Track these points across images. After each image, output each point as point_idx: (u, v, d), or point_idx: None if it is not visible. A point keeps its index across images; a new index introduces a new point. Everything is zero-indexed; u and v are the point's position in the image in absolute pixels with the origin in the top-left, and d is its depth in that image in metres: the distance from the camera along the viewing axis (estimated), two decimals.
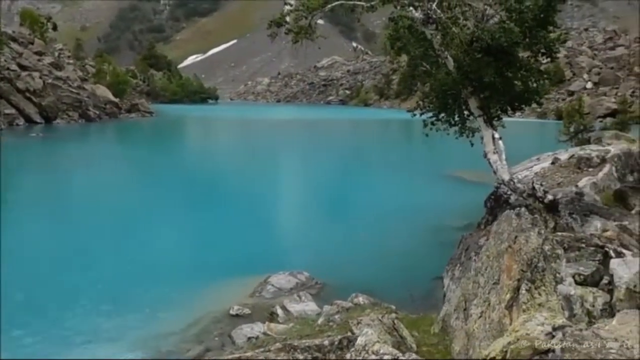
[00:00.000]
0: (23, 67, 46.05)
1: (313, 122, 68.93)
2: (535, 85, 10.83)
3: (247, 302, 9.32)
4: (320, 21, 12.34)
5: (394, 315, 6.19)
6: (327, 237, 14.07)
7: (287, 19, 11.41)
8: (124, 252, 12.43)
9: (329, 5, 10.39)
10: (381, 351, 3.22)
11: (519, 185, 10.31)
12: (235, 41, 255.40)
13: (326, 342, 4.31)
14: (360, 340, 3.55)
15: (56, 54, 57.25)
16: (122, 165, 27.64)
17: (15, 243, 12.28)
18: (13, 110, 42.72)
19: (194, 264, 11.78)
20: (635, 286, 3.74)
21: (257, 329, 7.77)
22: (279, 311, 8.62)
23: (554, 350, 3.20)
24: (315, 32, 11.09)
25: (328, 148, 39.41)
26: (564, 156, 16.40)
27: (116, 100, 59.27)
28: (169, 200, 19.04)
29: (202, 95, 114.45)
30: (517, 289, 4.32)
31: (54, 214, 16.34)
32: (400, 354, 2.95)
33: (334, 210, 17.86)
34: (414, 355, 2.81)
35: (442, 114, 11.28)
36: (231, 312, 8.84)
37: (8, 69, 43.80)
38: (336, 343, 4.26)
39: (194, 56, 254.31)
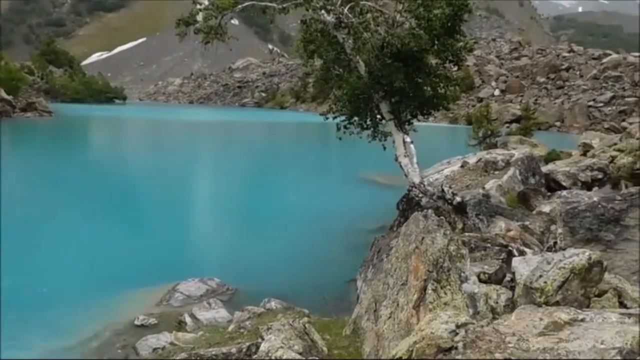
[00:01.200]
0: None
1: (227, 124, 67.76)
2: (443, 91, 11.28)
3: (153, 312, 8.89)
4: (234, 22, 12.10)
5: (305, 319, 6.12)
6: (240, 243, 13.79)
7: (197, 18, 11.05)
8: (20, 263, 11.37)
9: (240, 6, 10.19)
10: (284, 357, 3.13)
11: (429, 187, 10.69)
12: (144, 39, 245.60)
13: (234, 350, 4.15)
14: (263, 347, 3.45)
15: None
16: (15, 169, 25.40)
17: None
18: None
19: (97, 274, 11.00)
20: (531, 282, 3.96)
21: (163, 339, 7.38)
22: (188, 319, 8.27)
23: (456, 348, 3.27)
24: (227, 32, 10.83)
25: (242, 151, 38.87)
26: (472, 160, 17.34)
27: (9, 98, 54.63)
28: (70, 206, 17.73)
29: (108, 95, 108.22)
30: (424, 289, 4.41)
31: None
32: (303, 359, 2.86)
33: (247, 215, 17.54)
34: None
35: (355, 118, 11.44)
36: (136, 322, 8.38)
37: None
38: (244, 350, 4.12)
39: (98, 53, 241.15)
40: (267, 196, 21.57)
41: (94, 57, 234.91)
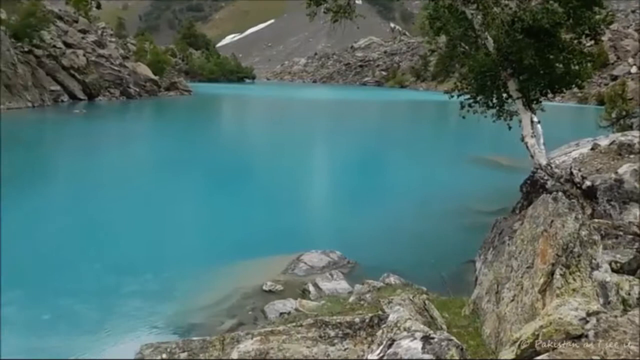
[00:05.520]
0: (68, 45, 47.24)
1: (348, 102, 68.59)
2: (577, 68, 10.48)
3: (279, 279, 9.47)
4: (358, 1, 12.25)
5: (424, 296, 6.22)
6: (359, 218, 14.11)
7: None
8: (160, 231, 12.68)
9: None
10: (413, 328, 3.26)
11: (556, 170, 10.09)
12: (272, 21, 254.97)
13: (357, 320, 4.38)
14: (392, 317, 3.60)
15: (99, 32, 58.29)
16: (160, 143, 28.24)
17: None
18: (58, 87, 44.03)
19: (227, 242, 11.94)
20: None
21: (289, 305, 7.92)
22: (311, 288, 8.76)
23: (587, 336, 3.18)
24: (354, 11, 11.02)
25: (362, 129, 39.22)
26: (604, 142, 15.87)
27: (156, 78, 60.39)
28: (205, 179, 19.41)
29: (239, 75, 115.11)
30: (551, 274, 4.27)
31: (85, 189, 16.69)
32: (432, 332, 2.99)
33: (365, 192, 17.84)
34: (445, 334, 2.85)
35: (480, 96, 11.09)
36: (264, 288, 8.99)
37: (54, 46, 45.02)
38: (367, 321, 4.32)
39: (231, 36, 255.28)
40: (386, 174, 21.72)
41: (227, 39, 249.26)
